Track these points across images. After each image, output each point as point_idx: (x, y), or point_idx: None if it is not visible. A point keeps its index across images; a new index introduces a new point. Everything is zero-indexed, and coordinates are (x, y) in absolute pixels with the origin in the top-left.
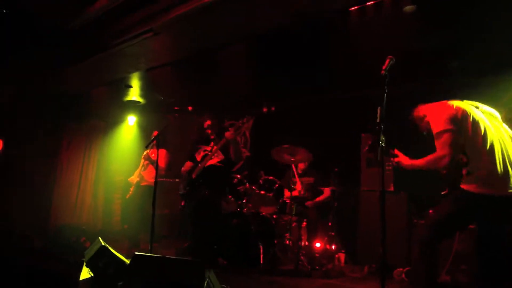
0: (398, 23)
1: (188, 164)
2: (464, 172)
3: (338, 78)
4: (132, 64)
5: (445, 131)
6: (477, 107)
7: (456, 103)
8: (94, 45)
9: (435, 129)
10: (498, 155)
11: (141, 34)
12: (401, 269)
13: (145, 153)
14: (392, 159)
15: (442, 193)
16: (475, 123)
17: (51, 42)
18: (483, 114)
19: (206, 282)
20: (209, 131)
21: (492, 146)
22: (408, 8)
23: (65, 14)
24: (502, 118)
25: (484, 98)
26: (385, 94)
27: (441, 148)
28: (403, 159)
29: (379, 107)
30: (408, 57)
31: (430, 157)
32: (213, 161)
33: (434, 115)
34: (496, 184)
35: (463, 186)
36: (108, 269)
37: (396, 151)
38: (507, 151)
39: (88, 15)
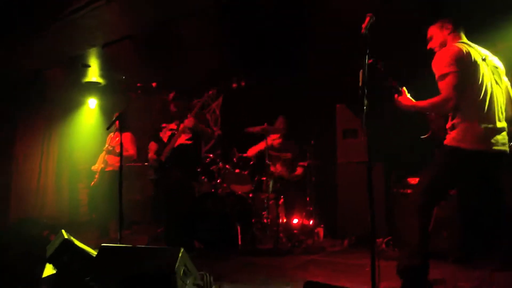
0: None
1: (153, 146)
2: (448, 125)
3: (312, 50)
4: (87, 38)
5: (450, 72)
6: (484, 58)
7: (464, 46)
8: (44, 14)
9: (438, 71)
10: (490, 109)
11: (92, 2)
12: (381, 239)
13: (107, 145)
14: (396, 95)
15: (423, 137)
16: (476, 72)
17: None
18: (488, 66)
19: (182, 270)
20: (172, 105)
21: (484, 99)
22: None
23: None
24: None
25: None
26: (366, 56)
27: (446, 90)
28: (405, 99)
29: (361, 70)
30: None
31: (434, 100)
32: (182, 139)
33: (437, 55)
34: (484, 140)
35: (449, 143)
36: (73, 264)
37: (402, 89)
38: (499, 107)
39: None
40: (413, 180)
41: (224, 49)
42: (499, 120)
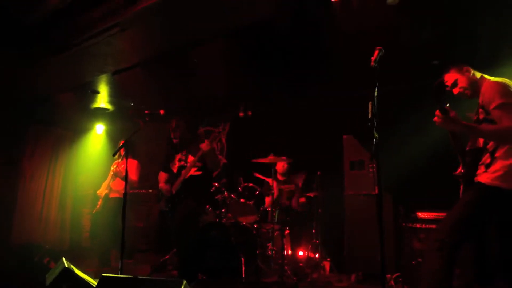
0: (382, 17)
1: (162, 176)
2: (487, 161)
3: (319, 80)
4: (99, 66)
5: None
6: None
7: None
8: (55, 43)
9: (497, 99)
10: None
11: (107, 29)
12: (389, 275)
13: (113, 167)
14: (439, 113)
15: (455, 173)
16: None
17: (6, 39)
18: None
19: None
20: (172, 134)
21: None
22: (391, 0)
23: (22, 7)
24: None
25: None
26: (375, 88)
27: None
28: (457, 118)
29: (370, 102)
30: (393, 56)
31: (500, 127)
32: (191, 172)
33: (491, 86)
34: None
35: (488, 182)
36: None
37: (447, 107)
38: None
39: (48, 7)
40: (422, 214)
41: (233, 78)
42: None
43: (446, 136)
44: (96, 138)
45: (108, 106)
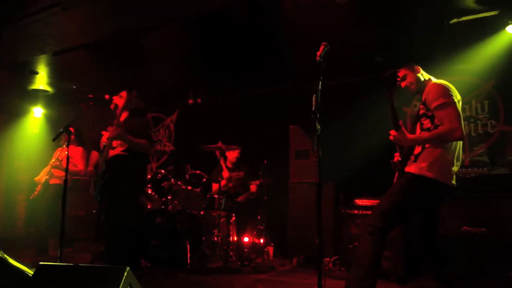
0: (331, 14)
1: (94, 156)
2: (416, 151)
3: (268, 72)
4: (37, 45)
5: (450, 102)
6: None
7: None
8: None
9: (437, 100)
10: (458, 146)
11: (47, 8)
12: (328, 258)
13: (54, 159)
14: (393, 132)
15: (392, 161)
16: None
17: None
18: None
19: None
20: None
21: None
22: None
23: None
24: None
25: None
26: (320, 82)
27: (450, 120)
28: (405, 133)
29: (314, 95)
30: (339, 51)
31: (439, 131)
32: (116, 150)
33: (432, 88)
34: (448, 173)
35: (417, 171)
36: (7, 285)
37: (401, 123)
38: (461, 147)
39: None
40: (360, 201)
41: (182, 65)
42: (459, 160)
43: (384, 131)
44: (34, 122)
45: (47, 88)
